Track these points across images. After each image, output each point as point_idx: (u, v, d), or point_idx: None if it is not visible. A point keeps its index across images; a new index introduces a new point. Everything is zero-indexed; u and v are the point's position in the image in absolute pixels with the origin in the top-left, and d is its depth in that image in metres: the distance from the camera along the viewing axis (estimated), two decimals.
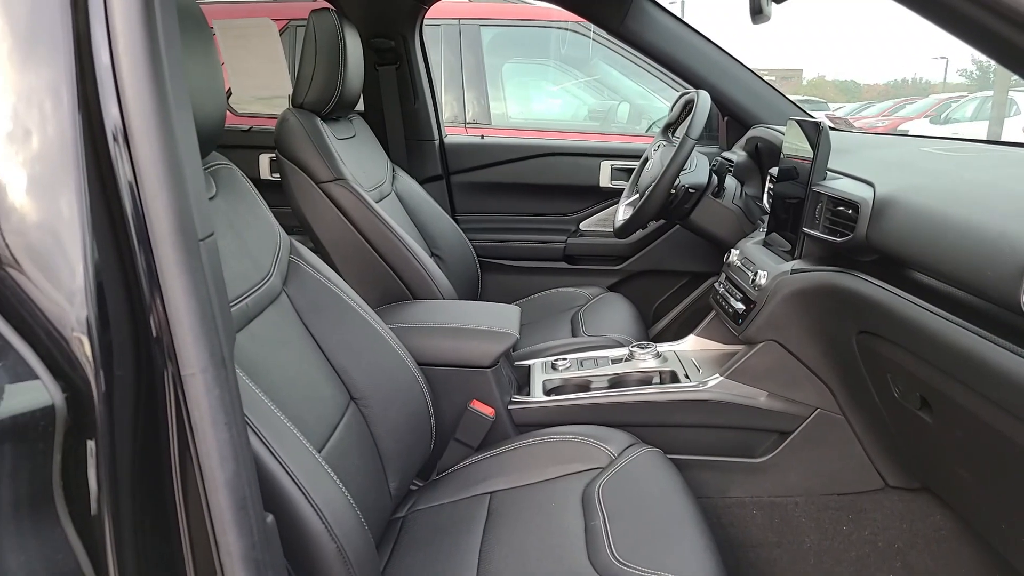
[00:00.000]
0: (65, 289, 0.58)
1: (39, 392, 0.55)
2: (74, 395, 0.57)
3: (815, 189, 1.30)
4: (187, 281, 0.62)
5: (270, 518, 0.71)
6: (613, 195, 2.38)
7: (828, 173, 1.33)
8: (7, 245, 0.59)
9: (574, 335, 1.86)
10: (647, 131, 3.49)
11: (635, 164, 2.16)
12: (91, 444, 0.59)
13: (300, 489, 0.83)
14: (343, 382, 1.20)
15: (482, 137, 2.58)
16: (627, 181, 2.26)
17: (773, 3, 1.36)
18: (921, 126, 11.94)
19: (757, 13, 1.33)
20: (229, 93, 2.38)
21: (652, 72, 3.10)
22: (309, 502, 0.83)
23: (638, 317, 2.00)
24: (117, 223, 0.61)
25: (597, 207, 2.41)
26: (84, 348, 0.58)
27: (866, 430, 1.36)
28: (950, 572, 1.37)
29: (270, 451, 0.83)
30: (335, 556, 0.84)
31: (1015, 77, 0.81)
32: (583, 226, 2.42)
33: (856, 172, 1.26)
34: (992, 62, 0.80)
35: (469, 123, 3.29)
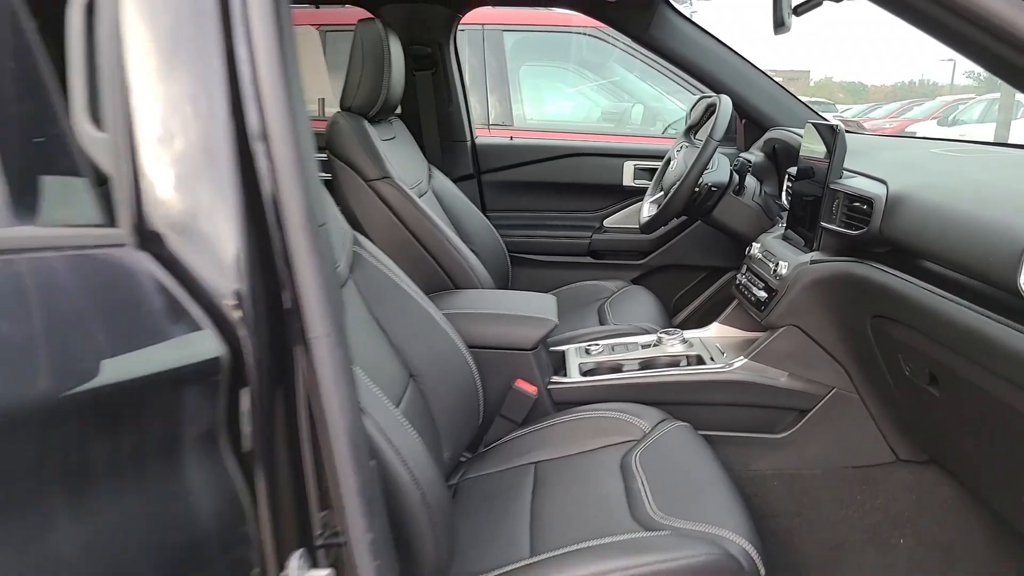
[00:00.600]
0: (221, 265, 0.71)
1: (212, 344, 0.67)
2: (232, 351, 0.70)
3: (832, 187, 1.42)
4: (313, 261, 0.74)
5: (373, 462, 0.83)
6: (636, 194, 2.50)
7: (844, 172, 1.45)
8: (174, 226, 0.71)
9: (601, 324, 1.98)
10: (663, 133, 3.61)
11: (657, 164, 2.29)
12: (244, 393, 0.71)
13: (388, 440, 0.95)
14: (404, 362, 1.32)
15: (511, 139, 2.70)
16: (649, 180, 2.38)
17: (793, 16, 1.48)
18: (928, 128, 11.99)
19: (780, 25, 1.46)
20: None
21: (667, 75, 3.22)
22: (396, 452, 0.95)
23: (662, 308, 2.11)
24: (258, 211, 0.73)
25: (620, 205, 2.54)
26: (237, 315, 0.71)
27: (879, 407, 1.48)
28: (955, 538, 1.48)
29: (360, 407, 0.95)
30: (419, 504, 0.96)
31: None
32: (607, 223, 2.55)
33: (870, 171, 1.38)
34: None
35: (492, 124, 3.42)
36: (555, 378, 1.59)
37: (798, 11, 1.45)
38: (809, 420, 1.52)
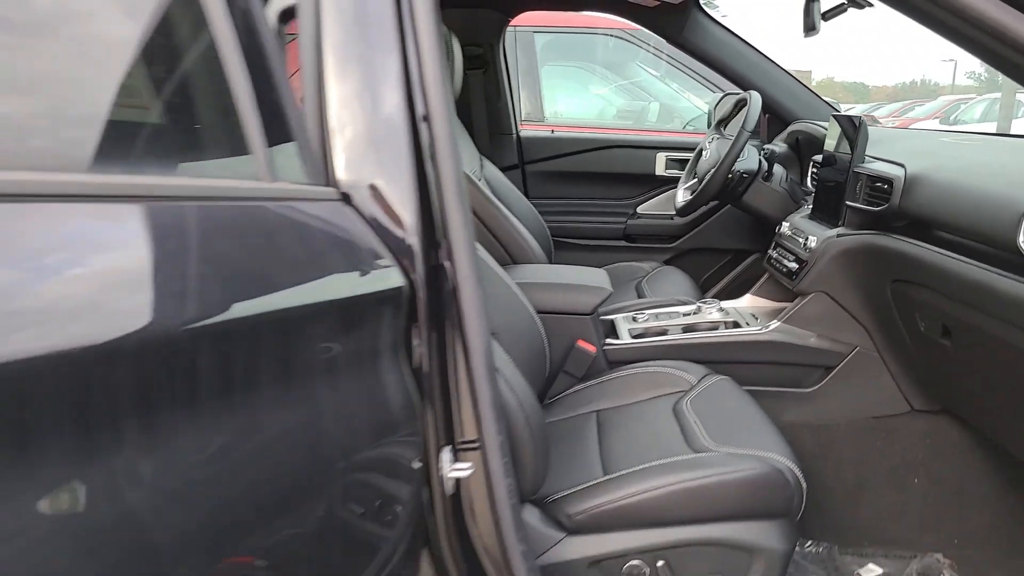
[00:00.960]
0: (399, 222, 0.91)
1: (398, 277, 0.87)
2: (409, 286, 0.90)
3: (856, 170, 1.63)
4: (461, 219, 0.95)
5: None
6: (667, 182, 2.71)
7: (865, 158, 1.65)
8: (366, 189, 0.90)
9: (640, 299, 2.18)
10: (684, 128, 3.81)
11: (687, 155, 2.50)
12: (416, 321, 0.91)
13: (498, 368, 1.14)
14: None
15: (552, 132, 2.92)
16: (679, 170, 2.59)
17: (822, 20, 1.69)
18: (931, 127, 12.17)
19: (810, 29, 1.66)
20: None
21: (689, 75, 3.42)
22: (505, 379, 1.15)
23: (695, 285, 2.32)
24: (423, 179, 0.93)
25: (653, 193, 2.76)
26: (410, 262, 0.91)
27: (896, 363, 1.68)
28: (965, 479, 1.68)
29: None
30: (524, 425, 1.16)
31: None
32: (640, 209, 2.76)
33: (889, 157, 1.58)
34: None
35: (524, 120, 3.62)
36: (608, 340, 1.79)
37: (826, 16, 1.66)
38: (834, 376, 1.72)
